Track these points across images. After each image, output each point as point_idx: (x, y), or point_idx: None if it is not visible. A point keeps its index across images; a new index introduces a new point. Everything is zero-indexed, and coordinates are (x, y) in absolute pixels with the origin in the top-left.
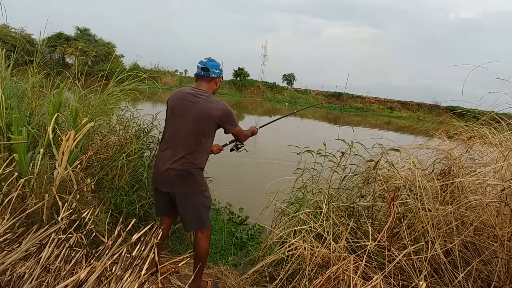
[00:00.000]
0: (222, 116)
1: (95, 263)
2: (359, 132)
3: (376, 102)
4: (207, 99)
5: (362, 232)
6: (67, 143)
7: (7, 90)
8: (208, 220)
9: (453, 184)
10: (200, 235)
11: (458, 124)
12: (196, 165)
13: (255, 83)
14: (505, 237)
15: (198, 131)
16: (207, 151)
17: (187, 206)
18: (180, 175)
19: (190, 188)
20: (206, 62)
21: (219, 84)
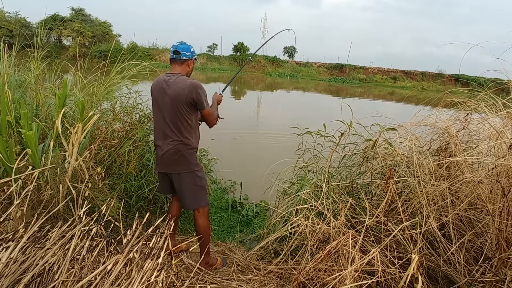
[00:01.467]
0: (189, 93)
1: (119, 255)
2: (362, 103)
3: (380, 72)
4: (175, 81)
5: (361, 209)
6: (76, 135)
7: (12, 84)
8: (203, 199)
9: (449, 161)
10: (197, 213)
11: (457, 100)
12: (187, 146)
13: (255, 57)
14: (496, 211)
15: (177, 112)
16: (194, 129)
17: (181, 185)
18: (173, 157)
19: (182, 168)
20: (177, 46)
21: (192, 66)
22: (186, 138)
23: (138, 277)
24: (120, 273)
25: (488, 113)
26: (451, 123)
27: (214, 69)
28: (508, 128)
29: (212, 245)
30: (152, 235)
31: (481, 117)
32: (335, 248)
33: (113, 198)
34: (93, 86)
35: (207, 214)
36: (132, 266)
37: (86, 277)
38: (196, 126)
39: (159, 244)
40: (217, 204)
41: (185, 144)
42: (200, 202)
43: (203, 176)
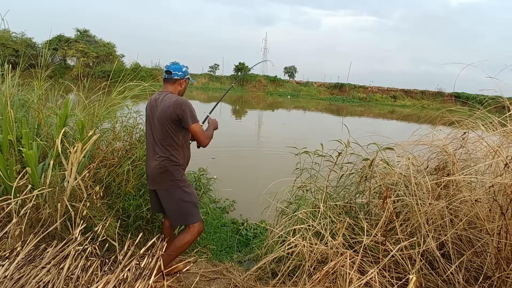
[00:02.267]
0: (174, 110)
1: (110, 276)
2: (362, 122)
3: (379, 91)
4: (164, 99)
5: (359, 228)
6: (76, 155)
7: (14, 104)
8: (193, 216)
9: (446, 180)
10: (187, 229)
11: (455, 119)
12: (173, 162)
13: (256, 77)
14: (494, 230)
15: (163, 130)
16: (182, 147)
17: (168, 202)
18: (159, 172)
19: (168, 184)
20: (169, 66)
21: (185, 85)
22: (172, 155)
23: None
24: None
25: (485, 131)
26: (448, 142)
27: (215, 88)
28: (504, 146)
29: (210, 266)
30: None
31: (477, 136)
32: (333, 268)
33: (110, 218)
34: (94, 106)
35: (197, 233)
36: (124, 286)
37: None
38: (184, 145)
39: (150, 265)
40: (216, 223)
41: (170, 160)
42: (190, 218)
43: (191, 192)
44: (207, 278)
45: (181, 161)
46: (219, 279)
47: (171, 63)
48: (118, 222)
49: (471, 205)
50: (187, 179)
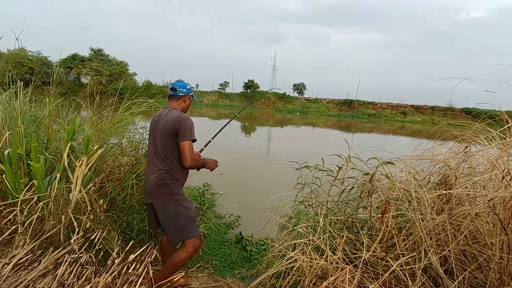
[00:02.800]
0: (174, 125)
1: (97, 279)
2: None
3: (389, 107)
4: (167, 114)
5: (360, 244)
6: (81, 168)
7: (26, 119)
8: (189, 231)
9: (448, 194)
10: (183, 245)
11: (457, 133)
12: (171, 176)
13: (265, 94)
14: (496, 245)
15: (164, 143)
16: (180, 162)
17: (164, 215)
18: (157, 185)
19: (165, 198)
20: (174, 83)
21: (189, 102)
22: (171, 169)
23: None
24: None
25: (486, 144)
26: (449, 155)
27: (225, 105)
28: (503, 158)
29: (211, 281)
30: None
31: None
32: (332, 284)
33: (109, 227)
34: (102, 122)
35: (193, 249)
36: None
37: None
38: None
39: (138, 271)
40: (220, 239)
41: (169, 174)
42: (187, 233)
43: (189, 206)
44: None
45: (180, 176)
46: None
47: (176, 81)
48: (121, 236)
49: (470, 219)
50: (184, 193)
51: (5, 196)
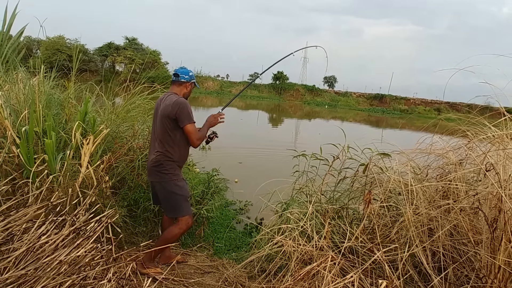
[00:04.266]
0: (172, 109)
1: (60, 232)
2: (403, 135)
3: (422, 103)
4: (167, 98)
5: (351, 234)
6: (88, 146)
7: (43, 100)
8: (182, 209)
9: (447, 189)
10: (176, 222)
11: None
12: (167, 157)
13: (294, 86)
14: (483, 242)
15: (162, 126)
16: (178, 145)
17: (161, 193)
18: (154, 165)
19: (162, 177)
20: (177, 69)
21: (190, 88)
22: (167, 151)
23: (65, 249)
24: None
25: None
26: (449, 150)
27: (253, 96)
28: (493, 154)
29: (208, 260)
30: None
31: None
32: (316, 269)
33: (120, 206)
34: (117, 107)
35: (185, 226)
36: (68, 239)
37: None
38: (181, 143)
39: (97, 229)
40: (227, 223)
41: (165, 155)
42: (179, 211)
43: (183, 186)
44: (201, 271)
45: (176, 157)
46: (212, 273)
47: (180, 68)
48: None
49: (454, 214)
50: (180, 174)
51: (23, 170)
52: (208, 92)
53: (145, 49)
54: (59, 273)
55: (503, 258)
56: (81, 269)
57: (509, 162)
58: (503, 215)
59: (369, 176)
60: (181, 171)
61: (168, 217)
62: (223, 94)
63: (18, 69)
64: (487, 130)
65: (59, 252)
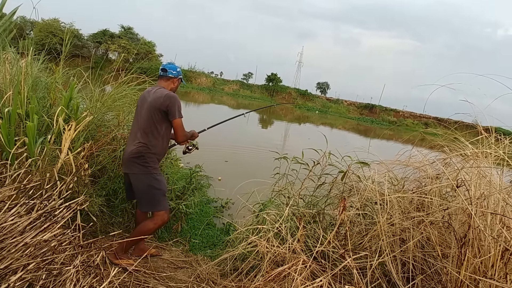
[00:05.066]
0: (164, 101)
1: (29, 216)
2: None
3: (411, 116)
4: (156, 91)
5: (324, 238)
6: (69, 132)
7: (29, 82)
8: (159, 204)
9: (421, 201)
10: (152, 217)
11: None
12: (149, 149)
13: (286, 89)
14: (449, 257)
15: (149, 117)
16: (162, 138)
17: (137, 186)
18: (134, 156)
19: (140, 169)
20: (165, 64)
21: (177, 84)
22: (150, 142)
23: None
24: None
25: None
26: (427, 164)
27: (245, 96)
28: (467, 170)
29: (182, 256)
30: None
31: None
32: (287, 271)
33: (98, 195)
34: (102, 95)
35: (161, 222)
36: (37, 223)
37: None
38: (165, 136)
39: (64, 215)
40: (206, 220)
41: (147, 147)
42: (157, 205)
43: (161, 180)
44: (175, 266)
45: (157, 150)
46: (185, 269)
47: (167, 63)
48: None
49: (425, 226)
50: (159, 168)
51: (2, 151)
52: (201, 88)
53: (140, 40)
54: (24, 255)
55: (467, 273)
56: (46, 253)
57: (482, 180)
58: (471, 231)
59: (348, 183)
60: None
61: (142, 211)
62: (215, 91)
63: (8, 50)
64: (464, 147)
65: (26, 234)
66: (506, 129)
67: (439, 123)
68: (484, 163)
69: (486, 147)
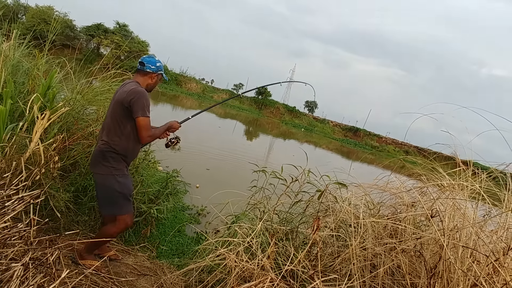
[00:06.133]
0: (127, 97)
1: None
2: (370, 170)
3: (393, 143)
4: (126, 85)
5: (295, 256)
6: (42, 122)
7: (9, 66)
8: (121, 207)
9: (395, 228)
10: (114, 221)
11: (421, 171)
12: (113, 149)
13: (275, 104)
14: (419, 286)
15: (114, 115)
16: (127, 137)
17: (99, 187)
18: (97, 155)
19: (102, 169)
20: (144, 58)
21: (156, 80)
22: (113, 141)
23: None
24: None
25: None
26: (404, 191)
27: (234, 106)
28: (443, 201)
29: (147, 262)
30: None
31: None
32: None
33: (66, 191)
34: (83, 88)
35: (123, 226)
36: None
37: None
38: (131, 136)
39: (16, 207)
40: (178, 227)
41: (110, 146)
42: (118, 209)
43: (124, 183)
44: (138, 272)
45: (122, 150)
46: (149, 276)
47: (147, 56)
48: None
49: (396, 254)
50: (125, 169)
51: None
52: (190, 93)
53: (134, 38)
54: None
55: None
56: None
57: (456, 212)
58: (442, 263)
59: (324, 203)
60: (127, 167)
61: (102, 213)
62: (204, 98)
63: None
64: (441, 178)
65: None
66: (483, 164)
67: (419, 152)
68: (459, 195)
69: (463, 179)
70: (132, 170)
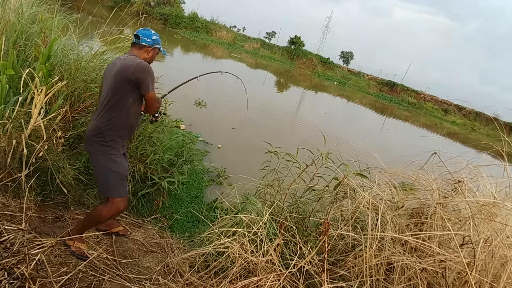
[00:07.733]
0: (135, 72)
1: None
2: (405, 128)
3: (432, 100)
4: (127, 58)
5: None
6: (39, 97)
7: (15, 30)
8: (115, 189)
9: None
10: (106, 202)
11: None
12: (108, 125)
13: (308, 55)
14: None
15: (114, 89)
16: (127, 112)
17: (94, 167)
18: (93, 134)
19: (97, 147)
20: (139, 30)
21: (152, 54)
22: (112, 118)
23: None
24: None
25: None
26: (436, 190)
27: (265, 56)
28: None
29: (157, 236)
30: None
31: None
32: (255, 284)
33: (71, 166)
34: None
35: (115, 210)
36: None
37: None
38: (131, 112)
39: None
40: (196, 193)
41: (108, 123)
42: (112, 191)
43: (121, 162)
44: (145, 249)
45: (120, 127)
46: (156, 254)
47: (142, 29)
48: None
49: (414, 272)
50: (121, 149)
51: None
52: (220, 42)
53: None
54: None
55: None
56: None
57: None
58: None
59: (342, 190)
60: (123, 147)
61: (100, 194)
62: (234, 47)
63: None
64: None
65: None
66: None
67: (459, 111)
68: (499, 217)
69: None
70: (144, 140)
